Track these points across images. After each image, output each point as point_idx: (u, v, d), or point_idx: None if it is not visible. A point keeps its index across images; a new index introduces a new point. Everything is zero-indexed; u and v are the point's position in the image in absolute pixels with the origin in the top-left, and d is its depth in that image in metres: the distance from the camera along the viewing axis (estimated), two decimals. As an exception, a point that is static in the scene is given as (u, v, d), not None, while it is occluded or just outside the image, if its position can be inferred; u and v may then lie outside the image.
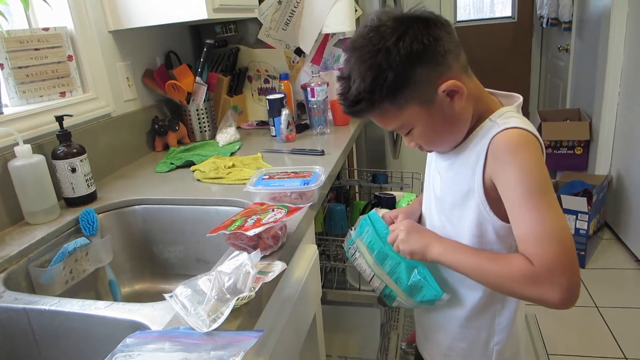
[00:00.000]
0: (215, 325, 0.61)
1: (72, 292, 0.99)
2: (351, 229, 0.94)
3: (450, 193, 0.82)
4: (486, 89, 0.82)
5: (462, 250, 0.78)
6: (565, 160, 2.99)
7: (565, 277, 0.66)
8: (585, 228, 2.43)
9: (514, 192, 0.71)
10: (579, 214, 2.42)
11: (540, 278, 0.67)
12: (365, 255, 0.90)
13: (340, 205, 1.60)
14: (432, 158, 0.91)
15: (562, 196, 2.45)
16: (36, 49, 1.23)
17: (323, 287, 1.33)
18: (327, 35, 1.84)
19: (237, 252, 0.72)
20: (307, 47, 1.86)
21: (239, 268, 0.68)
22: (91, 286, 1.08)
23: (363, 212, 1.69)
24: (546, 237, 0.68)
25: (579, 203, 2.41)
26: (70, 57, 1.31)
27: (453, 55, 0.73)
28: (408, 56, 0.69)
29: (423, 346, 1.01)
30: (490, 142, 0.73)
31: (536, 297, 0.69)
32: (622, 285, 2.36)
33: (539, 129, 2.96)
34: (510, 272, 0.70)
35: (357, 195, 2.04)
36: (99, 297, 1.10)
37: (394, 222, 0.91)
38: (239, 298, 0.65)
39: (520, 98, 0.81)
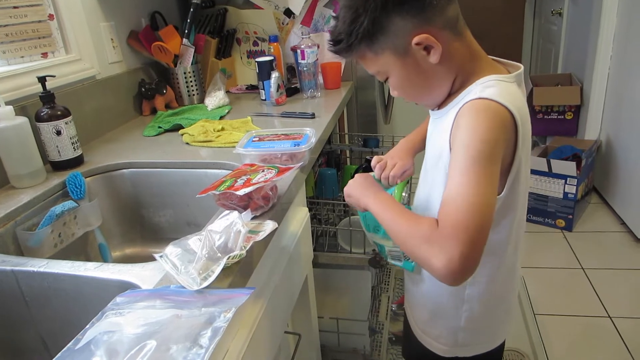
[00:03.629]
0: (206, 283, 0.61)
1: (62, 256, 0.98)
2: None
3: (430, 155, 0.83)
4: (491, 57, 0.80)
5: (386, 205, 0.78)
6: (556, 125, 2.99)
7: (458, 247, 0.61)
8: (574, 192, 2.45)
9: (456, 154, 0.69)
10: (568, 178, 2.44)
11: (433, 239, 0.64)
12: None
13: (332, 170, 1.60)
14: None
15: (552, 161, 2.46)
16: (15, 7, 1.18)
17: (314, 250, 1.34)
18: (317, -5, 1.79)
19: (227, 212, 0.71)
20: (297, 7, 1.81)
21: (229, 227, 0.68)
22: (81, 250, 1.07)
23: (354, 176, 1.68)
24: (459, 204, 0.64)
25: (568, 167, 2.43)
26: (51, 16, 1.27)
27: (436, 9, 0.70)
28: (384, 3, 0.69)
29: (409, 310, 1.04)
30: (460, 109, 0.72)
31: (423, 256, 0.65)
32: (608, 248, 2.41)
33: (530, 95, 2.94)
34: (414, 229, 0.68)
35: (348, 159, 2.03)
36: (89, 261, 1.09)
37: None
38: (229, 257, 0.64)
39: (521, 67, 0.78)
